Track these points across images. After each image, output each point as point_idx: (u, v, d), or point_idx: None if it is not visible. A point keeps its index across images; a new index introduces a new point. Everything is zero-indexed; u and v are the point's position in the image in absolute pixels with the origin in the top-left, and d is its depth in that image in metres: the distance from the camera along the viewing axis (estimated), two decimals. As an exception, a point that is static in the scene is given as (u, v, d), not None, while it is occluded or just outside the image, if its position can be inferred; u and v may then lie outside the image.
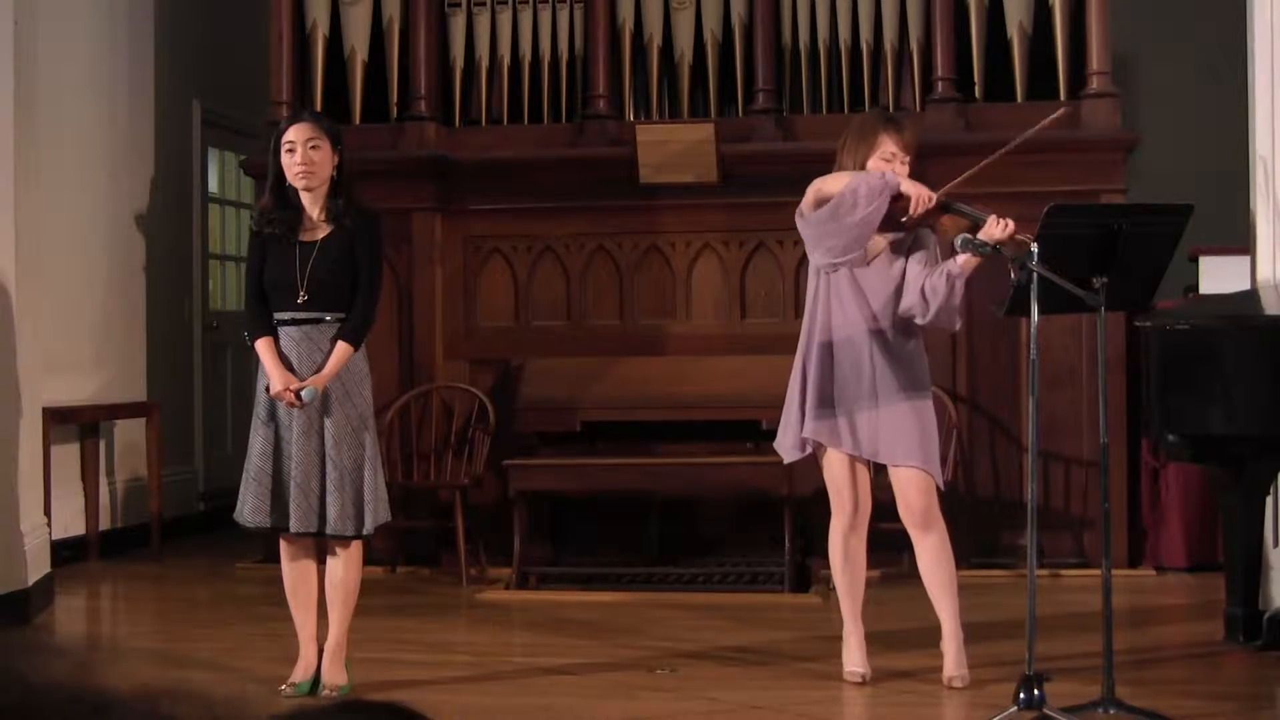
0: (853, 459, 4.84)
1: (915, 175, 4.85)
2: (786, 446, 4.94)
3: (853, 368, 4.80)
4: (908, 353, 4.82)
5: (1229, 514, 5.42)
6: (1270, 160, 5.82)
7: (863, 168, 4.76)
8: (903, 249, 4.84)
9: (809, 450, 4.89)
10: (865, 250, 4.78)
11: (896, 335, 4.81)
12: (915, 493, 4.81)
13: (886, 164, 4.74)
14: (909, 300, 4.76)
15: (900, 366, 4.80)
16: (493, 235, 7.61)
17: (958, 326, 4.95)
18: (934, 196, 4.60)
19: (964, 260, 4.60)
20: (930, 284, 4.71)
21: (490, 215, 7.60)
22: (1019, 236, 4.56)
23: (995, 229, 4.54)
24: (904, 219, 4.68)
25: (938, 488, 4.87)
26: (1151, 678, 4.91)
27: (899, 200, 4.64)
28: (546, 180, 7.51)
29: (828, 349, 4.83)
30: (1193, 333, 5.21)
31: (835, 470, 4.87)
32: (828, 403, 4.81)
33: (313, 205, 4.85)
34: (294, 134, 4.80)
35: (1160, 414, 5.28)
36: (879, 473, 4.98)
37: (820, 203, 4.76)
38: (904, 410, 4.78)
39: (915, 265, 4.80)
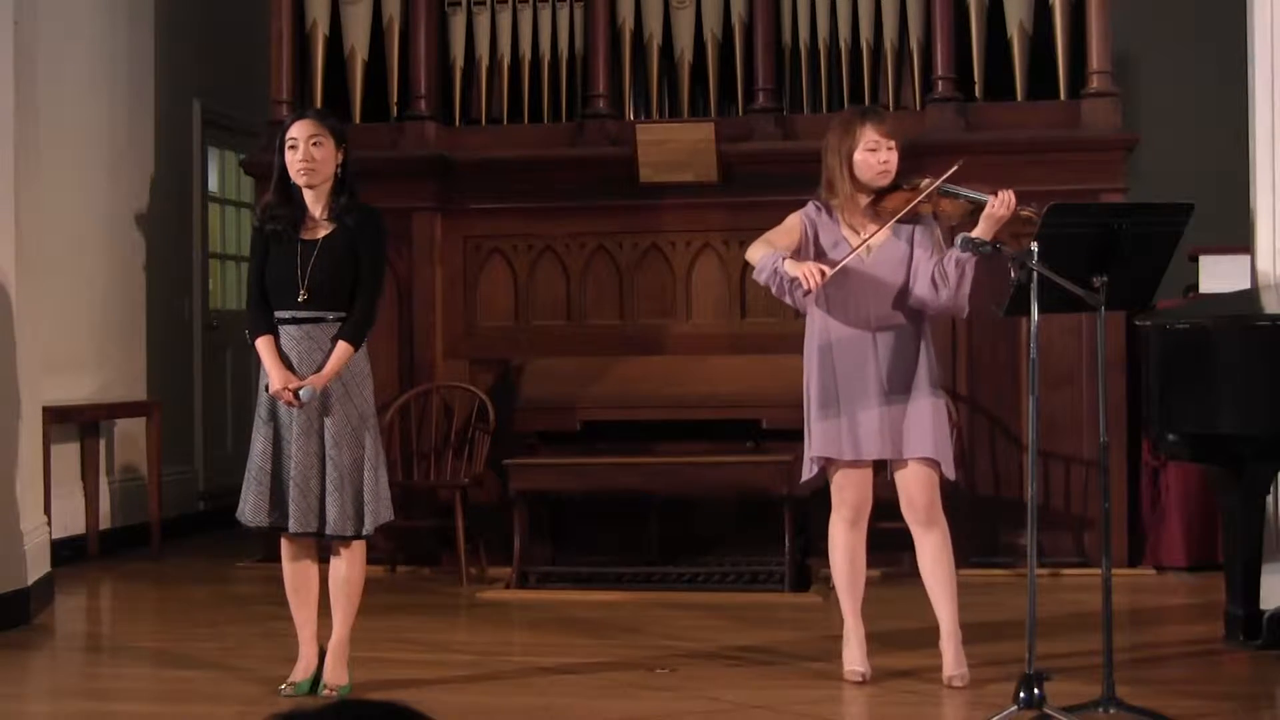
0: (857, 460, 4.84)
1: (913, 173, 4.84)
2: (803, 468, 4.92)
3: (856, 367, 4.78)
4: (914, 345, 4.81)
5: (1229, 514, 5.42)
6: (1270, 160, 5.82)
7: (849, 162, 4.75)
8: (904, 237, 4.83)
9: (819, 469, 4.86)
10: (865, 251, 4.78)
11: (902, 328, 4.80)
12: (919, 488, 4.80)
13: (873, 153, 4.73)
14: (920, 288, 4.75)
15: (907, 359, 4.78)
16: (493, 235, 7.61)
17: (966, 313, 4.92)
18: (826, 271, 4.54)
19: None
20: (940, 270, 4.71)
21: (490, 215, 7.60)
22: (1024, 212, 4.57)
23: (998, 207, 4.56)
24: (895, 210, 4.69)
25: (946, 480, 4.85)
26: (1151, 678, 4.91)
27: (794, 281, 4.60)
28: (546, 180, 7.51)
29: (829, 352, 4.81)
30: (1193, 332, 5.21)
31: (838, 469, 4.86)
32: (832, 411, 4.78)
33: (315, 203, 4.84)
34: (297, 130, 4.79)
35: (1160, 414, 5.28)
36: (881, 469, 4.96)
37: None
38: (914, 402, 4.76)
39: (921, 253, 4.79)
